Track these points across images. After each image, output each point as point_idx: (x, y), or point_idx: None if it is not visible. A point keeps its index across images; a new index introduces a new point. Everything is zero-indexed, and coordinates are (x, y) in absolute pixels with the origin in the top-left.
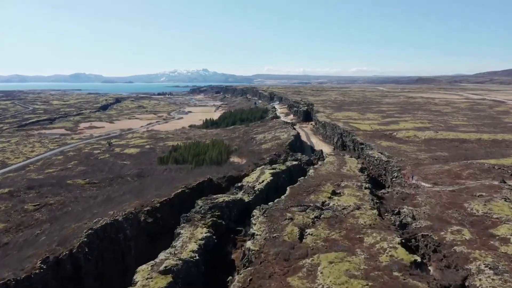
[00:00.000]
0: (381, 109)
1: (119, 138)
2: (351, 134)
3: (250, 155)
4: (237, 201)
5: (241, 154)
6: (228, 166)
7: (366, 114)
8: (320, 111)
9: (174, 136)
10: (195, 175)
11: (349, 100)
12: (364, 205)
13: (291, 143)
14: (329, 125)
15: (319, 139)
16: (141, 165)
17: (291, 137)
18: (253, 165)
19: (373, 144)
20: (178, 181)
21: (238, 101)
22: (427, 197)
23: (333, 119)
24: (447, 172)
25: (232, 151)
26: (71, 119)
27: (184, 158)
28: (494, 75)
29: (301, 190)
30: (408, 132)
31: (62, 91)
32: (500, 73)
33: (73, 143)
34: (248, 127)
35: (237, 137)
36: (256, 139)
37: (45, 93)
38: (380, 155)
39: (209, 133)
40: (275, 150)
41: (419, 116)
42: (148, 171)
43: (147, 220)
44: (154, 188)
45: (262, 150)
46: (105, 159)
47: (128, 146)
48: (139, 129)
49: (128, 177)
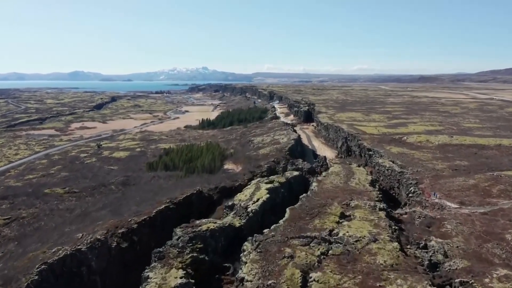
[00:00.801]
0: (386, 109)
1: (110, 140)
2: (357, 138)
3: (246, 162)
4: (225, 228)
5: (236, 160)
6: (222, 175)
7: (370, 115)
8: (322, 112)
9: (168, 138)
10: (184, 185)
11: (352, 100)
12: (381, 234)
13: (291, 148)
14: (332, 127)
15: (321, 142)
16: (129, 171)
17: (291, 141)
18: (249, 173)
19: (382, 151)
20: (164, 192)
21: (237, 100)
22: (457, 223)
23: (336, 120)
24: (474, 188)
25: (227, 156)
26: (63, 119)
27: (174, 164)
28: (497, 74)
29: (303, 213)
30: (419, 137)
31: (58, 89)
32: (503, 71)
33: (61, 145)
34: (246, 128)
35: (234, 139)
36: (254, 142)
37: (41, 91)
38: (392, 164)
39: (205, 135)
40: (274, 156)
41: (427, 117)
42: (135, 179)
43: (121, 245)
44: (136, 202)
45: (259, 156)
46: (91, 163)
47: (118, 149)
48: (132, 130)
49: (112, 186)
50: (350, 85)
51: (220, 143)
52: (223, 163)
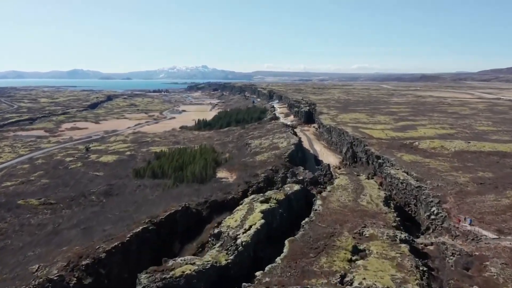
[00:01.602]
0: (391, 110)
1: (100, 142)
2: (363, 143)
3: (242, 169)
4: (207, 271)
5: (231, 167)
6: (213, 185)
7: (375, 116)
8: (324, 112)
9: (161, 140)
10: (171, 196)
11: (354, 100)
12: (408, 282)
13: (291, 154)
14: (335, 130)
15: (323, 146)
16: (114, 177)
17: (291, 146)
18: (244, 184)
19: (393, 159)
20: (148, 206)
21: (236, 100)
22: (502, 264)
23: (339, 122)
24: (510, 210)
25: (221, 162)
26: (54, 119)
27: (163, 171)
28: (499, 73)
29: (306, 246)
30: (432, 142)
31: (56, 87)
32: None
33: (47, 147)
34: (244, 130)
35: (230, 142)
36: (251, 145)
37: (38, 90)
38: (406, 176)
39: (201, 136)
40: (272, 164)
41: (436, 119)
42: (119, 188)
43: (83, 281)
44: (113, 220)
45: (256, 163)
46: (75, 169)
47: (107, 152)
48: (125, 131)
49: (93, 196)
50: (351, 84)
51: (216, 146)
52: (216, 170)
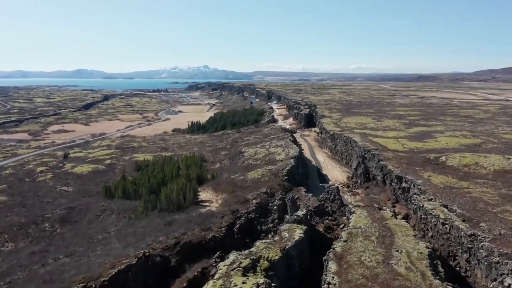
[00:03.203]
0: (398, 113)
1: (82, 148)
2: (378, 157)
3: (230, 190)
4: None
5: (217, 186)
6: (191, 215)
7: (383, 120)
8: (326, 115)
9: (148, 146)
10: (134, 232)
11: (356, 101)
12: None
13: (291, 171)
14: (341, 137)
15: (327, 156)
16: (82, 195)
17: (290, 161)
18: (230, 214)
19: (420, 181)
20: (101, 246)
21: (234, 100)
22: None
23: (344, 128)
24: None
25: (207, 179)
26: (43, 120)
27: (136, 190)
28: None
29: None
30: (463, 157)
31: (57, 87)
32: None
33: (24, 154)
34: (239, 134)
35: (223, 148)
36: (245, 155)
37: (39, 89)
38: (447, 214)
39: (192, 141)
40: (267, 184)
41: (451, 124)
42: (80, 212)
43: None
44: (42, 278)
45: (248, 182)
46: (42, 182)
47: (85, 160)
48: (114, 134)
49: (47, 223)
50: (350, 84)
51: (206, 154)
52: (200, 189)
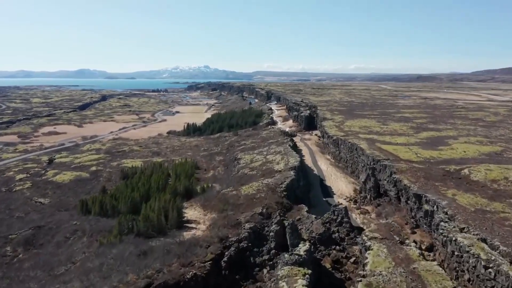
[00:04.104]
0: (403, 115)
1: (70, 152)
2: (389, 169)
3: (219, 209)
4: None
5: (207, 202)
6: (172, 243)
7: (388, 123)
8: (327, 118)
9: (140, 150)
10: (100, 266)
11: (358, 102)
12: None
13: (290, 185)
14: (345, 144)
15: (330, 163)
16: (59, 207)
17: (290, 173)
18: (217, 242)
19: (445, 202)
20: (62, 284)
21: (233, 100)
22: None
23: (347, 132)
24: None
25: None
26: (35, 121)
27: (115, 206)
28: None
29: None
30: (490, 171)
31: (58, 87)
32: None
33: (8, 158)
34: (237, 137)
35: (218, 153)
36: (241, 162)
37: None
38: (489, 254)
39: (187, 144)
40: (263, 201)
41: (462, 127)
42: (49, 232)
43: None
44: None
45: (241, 199)
46: (18, 193)
47: (70, 166)
48: (106, 137)
49: (8, 246)
50: (350, 84)
51: (200, 159)
52: (186, 207)
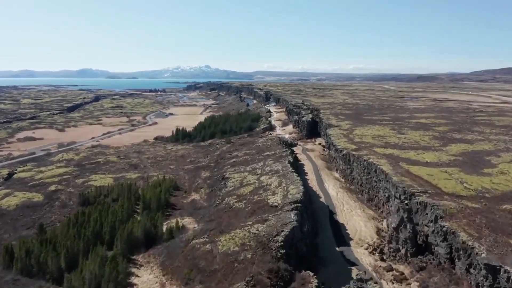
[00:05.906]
0: (419, 121)
1: (37, 163)
2: (433, 210)
3: (185, 278)
4: None
5: (169, 260)
6: None
7: (404, 131)
8: (333, 125)
9: (117, 161)
10: None
11: (363, 104)
12: None
13: (291, 236)
14: (359, 161)
15: (340, 185)
16: None
17: (291, 217)
18: None
19: None
20: None
21: (230, 101)
22: None
23: (359, 143)
24: None
25: (160, 238)
26: (15, 125)
27: (43, 262)
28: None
29: None
30: None
31: (56, 86)
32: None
33: None
34: (229, 145)
35: (205, 168)
36: (228, 184)
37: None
38: None
39: (173, 154)
40: (248, 267)
41: (494, 137)
42: None
43: None
44: None
45: (216, 261)
46: None
47: (27, 184)
48: (85, 143)
49: None
50: (352, 84)
51: (182, 176)
52: (137, 266)
